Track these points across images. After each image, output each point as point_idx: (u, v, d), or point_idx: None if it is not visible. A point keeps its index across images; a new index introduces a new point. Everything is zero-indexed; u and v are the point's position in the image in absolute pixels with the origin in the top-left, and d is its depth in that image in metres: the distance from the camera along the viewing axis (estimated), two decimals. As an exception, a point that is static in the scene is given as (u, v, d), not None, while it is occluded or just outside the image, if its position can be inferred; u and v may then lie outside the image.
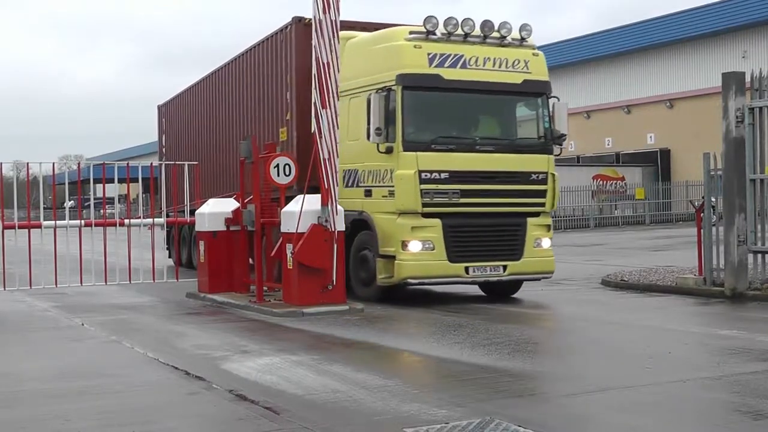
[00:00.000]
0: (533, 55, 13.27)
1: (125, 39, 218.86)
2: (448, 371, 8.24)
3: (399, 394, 6.96)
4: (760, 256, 13.17)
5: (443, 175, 12.49)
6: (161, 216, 16.99)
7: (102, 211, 19.10)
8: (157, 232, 17.18)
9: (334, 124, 11.90)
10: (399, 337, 10.34)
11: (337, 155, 12.00)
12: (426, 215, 12.45)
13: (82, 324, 11.49)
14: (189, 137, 21.75)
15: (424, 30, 12.65)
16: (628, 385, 7.16)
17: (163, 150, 24.02)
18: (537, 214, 13.11)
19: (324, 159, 11.84)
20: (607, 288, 14.88)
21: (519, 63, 13.10)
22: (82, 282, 14.74)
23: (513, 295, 13.66)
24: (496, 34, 13.00)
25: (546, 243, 13.17)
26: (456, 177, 12.55)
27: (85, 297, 14.57)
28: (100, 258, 15.08)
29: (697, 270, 14.02)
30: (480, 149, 12.89)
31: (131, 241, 15.56)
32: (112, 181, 18.72)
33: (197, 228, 14.77)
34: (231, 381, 7.60)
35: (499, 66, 12.98)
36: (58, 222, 14.83)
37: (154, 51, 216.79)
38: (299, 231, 11.86)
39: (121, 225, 15.58)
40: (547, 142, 13.35)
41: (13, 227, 14.67)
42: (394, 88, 12.51)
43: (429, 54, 12.60)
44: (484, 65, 12.88)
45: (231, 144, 17.87)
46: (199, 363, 8.53)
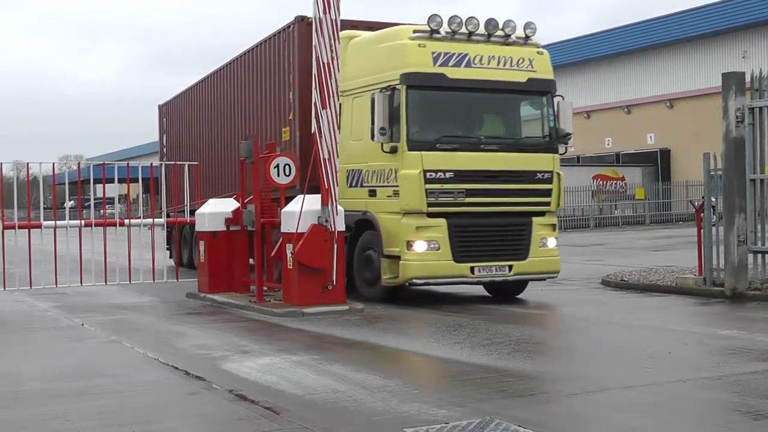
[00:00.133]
0: (538, 53, 13.17)
1: (125, 39, 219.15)
2: (448, 371, 8.25)
3: (399, 394, 6.96)
4: (760, 256, 13.17)
5: (448, 174, 12.43)
6: (161, 216, 17.00)
7: (102, 211, 19.11)
8: (158, 232, 17.16)
9: (334, 124, 11.90)
10: (399, 337, 10.33)
11: (337, 155, 11.99)
12: (431, 215, 12.38)
13: (82, 324, 11.49)
14: (191, 137, 21.66)
15: (428, 29, 12.56)
16: (628, 385, 7.16)
17: (164, 150, 23.93)
18: (542, 214, 13.06)
19: (324, 159, 11.84)
20: (607, 288, 14.88)
21: (524, 61, 13.01)
22: (82, 282, 14.74)
23: (518, 296, 13.60)
24: (500, 33, 12.92)
25: (551, 243, 13.11)
26: (461, 176, 12.49)
27: (85, 297, 14.57)
28: (100, 258, 15.07)
29: (697, 270, 14.02)
30: (485, 148, 12.84)
31: (131, 241, 15.56)
32: (112, 181, 18.72)
33: (197, 228, 14.77)
34: (231, 381, 7.60)
35: (504, 65, 12.90)
36: (58, 222, 14.83)
37: (154, 51, 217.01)
38: (299, 231, 11.86)
39: (121, 225, 15.59)
40: (552, 141, 13.30)
41: (13, 227, 14.68)
42: (398, 87, 12.43)
43: (433, 53, 12.53)
44: (488, 64, 12.80)
45: (233, 143, 17.81)
46: (199, 363, 8.53)
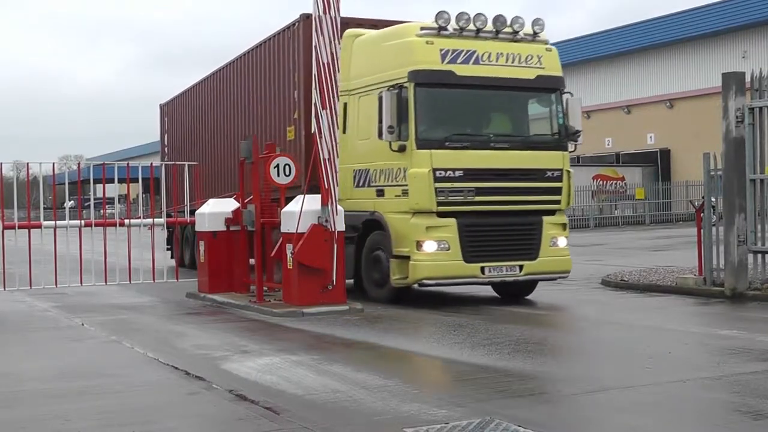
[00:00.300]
0: (546, 50, 13.04)
1: (125, 39, 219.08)
2: (448, 371, 8.25)
3: (399, 394, 6.96)
4: (760, 256, 13.17)
5: (458, 173, 12.26)
6: (161, 216, 17.00)
7: (102, 211, 19.12)
8: (158, 232, 17.18)
9: (334, 124, 11.89)
10: (399, 337, 10.32)
11: (337, 155, 11.98)
12: (441, 214, 12.20)
13: (82, 324, 11.48)
14: (192, 136, 21.58)
15: (435, 26, 12.40)
16: (628, 385, 7.16)
17: (165, 149, 23.88)
18: (552, 213, 12.91)
19: (324, 159, 11.84)
20: (607, 288, 14.88)
21: (532, 58, 12.87)
22: (82, 282, 14.75)
23: (527, 297, 13.44)
24: (508, 30, 12.79)
25: (562, 242, 12.96)
26: (471, 175, 12.33)
27: (85, 297, 14.56)
28: (100, 258, 15.08)
29: (697, 270, 14.02)
30: (494, 146, 12.67)
31: (131, 241, 15.57)
32: (112, 181, 18.72)
33: (197, 228, 14.76)
34: (231, 381, 7.60)
35: (512, 61, 12.75)
36: (58, 222, 14.85)
37: (154, 51, 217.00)
38: (299, 231, 11.85)
39: (121, 225, 15.60)
40: (562, 139, 13.19)
41: (13, 227, 14.69)
42: (406, 85, 12.27)
43: (441, 50, 12.37)
44: (497, 61, 12.66)
45: (235, 143, 17.75)
46: (199, 363, 8.53)
